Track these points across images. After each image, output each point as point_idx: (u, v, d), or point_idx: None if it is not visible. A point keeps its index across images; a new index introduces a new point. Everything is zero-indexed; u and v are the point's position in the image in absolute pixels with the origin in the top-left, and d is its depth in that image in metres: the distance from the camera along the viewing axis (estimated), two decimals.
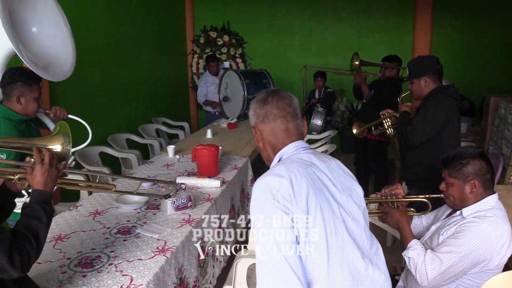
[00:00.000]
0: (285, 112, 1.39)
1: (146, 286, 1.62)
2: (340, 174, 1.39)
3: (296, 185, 1.24)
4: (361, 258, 1.30)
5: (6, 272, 1.14)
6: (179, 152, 3.54)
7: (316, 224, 1.23)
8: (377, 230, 3.50)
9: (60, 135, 1.51)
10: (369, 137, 4.34)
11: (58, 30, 2.54)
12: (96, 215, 2.30)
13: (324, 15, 6.76)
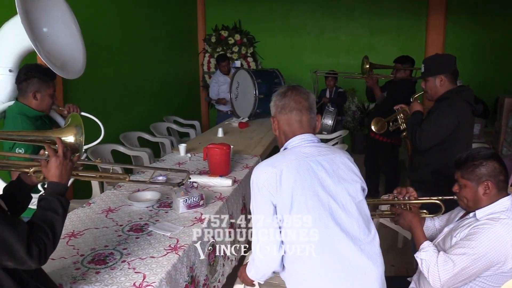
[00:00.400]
0: (301, 106, 1.56)
1: (158, 283, 1.63)
2: (339, 167, 1.51)
3: (284, 175, 1.43)
4: (348, 245, 1.43)
5: (25, 263, 1.16)
6: (191, 151, 3.56)
7: (299, 211, 1.41)
8: (388, 231, 3.50)
9: (72, 126, 1.51)
10: (380, 139, 4.32)
11: (68, 29, 2.57)
12: (108, 212, 2.32)
13: (336, 14, 6.73)
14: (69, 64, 2.51)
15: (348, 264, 1.44)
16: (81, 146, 1.52)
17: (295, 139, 1.56)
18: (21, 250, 1.14)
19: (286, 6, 6.84)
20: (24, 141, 1.51)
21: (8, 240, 1.12)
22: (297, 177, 1.43)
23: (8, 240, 1.12)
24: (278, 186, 1.43)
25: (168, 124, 5.51)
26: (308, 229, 1.42)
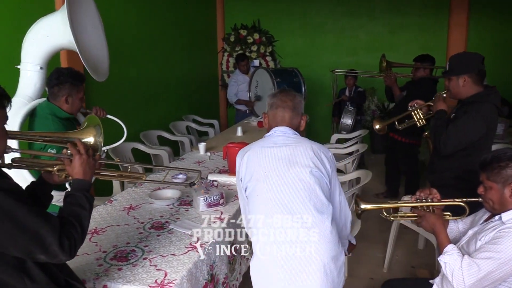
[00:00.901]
0: (285, 104, 1.86)
1: (180, 281, 1.65)
2: (298, 154, 1.76)
3: (247, 159, 1.79)
4: (285, 214, 1.67)
5: (57, 256, 1.19)
6: (210, 150, 3.58)
7: (251, 184, 1.75)
8: (408, 232, 3.47)
9: (91, 127, 1.56)
10: (399, 139, 4.26)
11: (96, 32, 2.61)
12: (130, 210, 2.35)
13: (356, 13, 6.67)
14: (98, 67, 2.54)
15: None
16: (101, 146, 1.56)
17: (272, 131, 1.86)
18: (54, 243, 1.16)
19: (305, 5, 6.81)
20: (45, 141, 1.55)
21: (42, 234, 1.15)
22: (256, 158, 1.78)
23: (42, 234, 1.15)
24: (243, 164, 1.81)
25: (187, 123, 5.55)
26: (258, 204, 1.74)
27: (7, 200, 1.12)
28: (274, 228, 1.68)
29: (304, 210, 1.68)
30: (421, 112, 2.86)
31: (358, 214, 1.90)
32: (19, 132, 1.54)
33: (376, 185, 4.83)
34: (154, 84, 5.07)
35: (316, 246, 1.65)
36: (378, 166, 5.24)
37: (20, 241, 1.13)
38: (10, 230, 1.11)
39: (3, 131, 1.26)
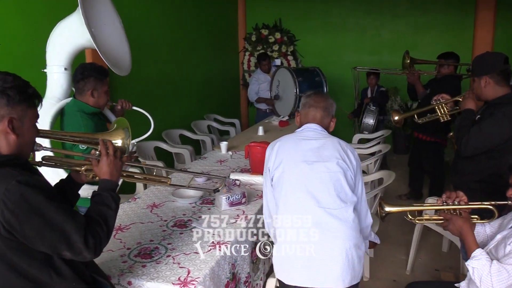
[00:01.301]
0: (318, 104, 1.96)
1: (202, 279, 1.66)
2: (327, 147, 1.86)
3: (278, 148, 1.90)
4: (313, 206, 1.75)
5: (81, 254, 1.21)
6: (232, 149, 3.59)
7: (279, 171, 1.85)
8: (432, 234, 3.41)
9: (120, 129, 1.59)
10: (424, 138, 4.19)
11: (114, 29, 2.66)
12: (153, 207, 2.38)
13: (379, 12, 6.58)
14: (120, 61, 2.59)
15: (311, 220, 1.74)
16: (128, 148, 1.58)
17: (303, 126, 1.97)
18: (79, 241, 1.18)
19: (327, 3, 6.76)
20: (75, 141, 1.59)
21: (67, 231, 1.17)
22: (286, 149, 1.89)
23: (67, 230, 1.17)
24: (272, 154, 1.91)
25: (208, 122, 5.58)
26: (285, 190, 1.83)
27: (37, 196, 1.14)
28: (298, 214, 1.76)
29: (329, 198, 1.76)
30: (446, 107, 2.78)
31: (382, 217, 1.87)
32: (50, 131, 1.58)
33: (398, 186, 4.76)
34: (176, 83, 5.11)
35: (339, 233, 1.73)
36: (401, 166, 5.17)
37: (47, 237, 1.16)
38: (38, 226, 1.14)
39: (35, 129, 1.29)
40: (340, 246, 1.72)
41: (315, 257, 1.72)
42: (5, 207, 1.10)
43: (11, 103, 1.19)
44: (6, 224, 1.11)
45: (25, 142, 1.25)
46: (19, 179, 1.13)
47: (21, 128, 1.22)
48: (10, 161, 1.19)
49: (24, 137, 1.24)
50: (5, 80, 1.18)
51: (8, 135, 1.20)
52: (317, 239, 1.72)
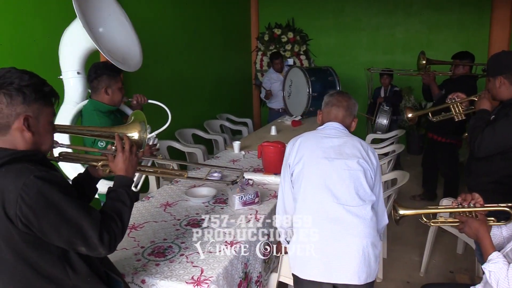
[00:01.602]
0: (340, 104, 1.97)
1: (216, 278, 1.66)
2: (348, 146, 1.87)
3: (299, 144, 1.92)
4: (332, 202, 1.76)
5: (96, 249, 1.22)
6: (244, 148, 3.59)
7: (299, 167, 1.86)
8: (447, 235, 3.37)
9: (136, 123, 1.58)
10: (438, 139, 4.14)
11: (121, 26, 2.70)
12: (166, 206, 2.39)
13: (392, 10, 6.53)
14: (128, 58, 2.62)
15: (327, 216, 1.76)
16: (145, 142, 1.58)
17: (325, 124, 1.98)
18: (94, 237, 1.20)
19: (340, 2, 6.72)
20: (92, 135, 1.60)
21: (83, 227, 1.19)
22: (307, 146, 1.89)
23: (83, 226, 1.19)
24: (293, 151, 1.92)
25: (221, 121, 5.59)
26: (304, 186, 1.84)
27: (53, 192, 1.16)
28: (317, 209, 1.78)
29: (348, 195, 1.77)
30: (461, 106, 2.74)
31: (397, 220, 1.85)
32: (67, 126, 1.60)
33: (412, 187, 4.72)
34: (189, 83, 5.13)
35: (356, 230, 1.74)
36: (414, 167, 5.13)
37: (63, 232, 1.17)
38: (54, 221, 1.15)
39: (52, 125, 1.31)
40: (357, 243, 1.73)
41: (332, 253, 1.74)
42: (23, 202, 1.12)
43: (27, 101, 1.20)
44: (24, 218, 1.13)
45: (41, 139, 1.27)
46: (37, 174, 1.15)
47: (36, 126, 1.24)
48: (27, 157, 1.21)
49: (40, 134, 1.26)
50: (22, 78, 1.20)
51: (23, 133, 1.22)
52: (334, 235, 1.74)
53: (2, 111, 1.18)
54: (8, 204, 1.13)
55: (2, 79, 1.18)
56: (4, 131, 1.20)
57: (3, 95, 1.18)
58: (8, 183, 1.13)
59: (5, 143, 1.21)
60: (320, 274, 1.75)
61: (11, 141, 1.21)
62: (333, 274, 1.74)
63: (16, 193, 1.12)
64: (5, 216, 1.13)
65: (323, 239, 1.75)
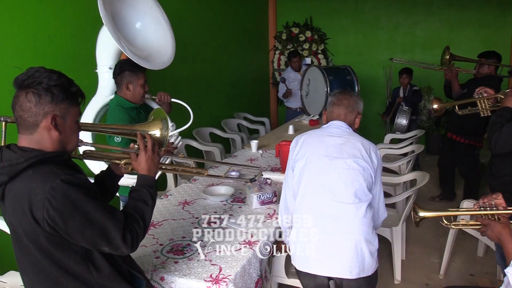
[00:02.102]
0: (341, 103, 2.04)
1: (234, 277, 1.67)
2: (349, 145, 1.92)
3: (301, 142, 2.01)
4: (329, 199, 1.84)
5: (119, 249, 1.24)
6: (262, 147, 3.59)
7: (301, 163, 1.94)
8: (467, 238, 3.31)
9: (158, 120, 1.58)
10: (458, 139, 4.07)
11: (156, 23, 2.77)
12: (185, 205, 2.41)
13: (412, 9, 6.44)
14: (155, 56, 2.68)
15: (323, 212, 1.84)
16: (166, 140, 1.59)
17: (329, 123, 2.04)
18: (117, 237, 1.22)
19: (358, 1, 6.66)
20: (114, 133, 1.62)
21: (107, 227, 1.21)
22: (310, 144, 1.97)
23: (107, 227, 1.21)
24: (296, 148, 2.01)
25: (238, 120, 5.60)
26: (305, 184, 1.92)
27: (79, 195, 1.18)
28: (314, 205, 1.87)
29: (345, 193, 1.83)
30: (487, 102, 2.69)
31: (416, 222, 1.82)
32: (90, 124, 1.63)
33: (431, 188, 4.65)
34: (207, 82, 5.16)
35: (351, 227, 1.81)
36: (434, 167, 5.04)
37: (88, 233, 1.19)
38: (80, 223, 1.18)
39: (77, 126, 1.33)
40: (350, 239, 1.80)
41: (327, 247, 1.82)
42: (50, 205, 1.14)
43: (55, 101, 1.22)
44: (51, 221, 1.15)
45: (67, 139, 1.29)
46: (63, 178, 1.17)
47: (63, 125, 1.26)
48: (53, 158, 1.23)
49: (66, 134, 1.28)
50: (50, 78, 1.22)
51: (51, 132, 1.24)
52: (329, 231, 1.83)
53: (31, 110, 1.21)
54: (36, 207, 1.15)
55: (31, 79, 1.20)
56: (32, 130, 1.23)
57: (32, 94, 1.20)
58: (35, 186, 1.16)
59: (32, 141, 1.23)
60: (315, 267, 1.85)
61: (38, 139, 1.24)
62: (326, 268, 1.83)
63: (43, 196, 1.14)
64: (32, 218, 1.16)
65: (319, 234, 1.84)
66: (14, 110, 1.23)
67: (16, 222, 1.20)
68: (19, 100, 1.21)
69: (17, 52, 2.65)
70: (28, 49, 2.71)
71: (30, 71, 1.22)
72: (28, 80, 1.20)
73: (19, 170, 1.18)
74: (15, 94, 1.23)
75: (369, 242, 1.83)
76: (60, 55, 2.94)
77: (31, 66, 1.24)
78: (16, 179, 1.19)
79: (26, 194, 1.16)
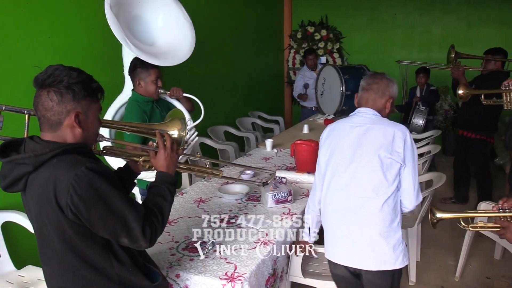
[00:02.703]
0: (369, 87, 1.95)
1: (249, 275, 1.68)
2: (371, 135, 1.85)
3: (326, 135, 2.02)
4: (349, 192, 1.83)
5: (138, 242, 1.25)
6: (276, 146, 3.59)
7: (326, 156, 1.95)
8: (484, 240, 3.27)
9: (176, 120, 1.61)
10: (470, 135, 4.01)
11: (176, 22, 2.89)
12: (200, 202, 2.43)
13: (429, 7, 6.36)
14: (168, 53, 2.75)
15: (341, 205, 1.86)
16: (183, 140, 1.61)
17: (356, 110, 1.98)
18: (137, 228, 1.23)
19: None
20: (133, 131, 1.64)
21: (128, 219, 1.22)
22: (334, 134, 1.97)
23: (128, 218, 1.22)
24: (323, 137, 2.03)
25: (253, 119, 5.61)
26: (329, 175, 1.93)
27: (103, 184, 1.20)
28: (335, 198, 1.88)
29: (363, 188, 1.81)
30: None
31: (433, 223, 1.81)
32: (110, 121, 1.65)
33: (446, 189, 4.59)
34: (222, 80, 5.18)
35: (366, 220, 1.80)
36: (450, 168, 4.97)
37: (110, 223, 1.21)
38: (102, 212, 1.19)
39: (98, 121, 1.35)
40: (365, 232, 1.80)
41: (346, 239, 1.85)
42: (74, 192, 1.16)
43: (76, 98, 1.24)
44: (74, 208, 1.17)
45: (89, 134, 1.31)
46: (88, 165, 1.19)
47: (86, 122, 1.28)
48: (77, 149, 1.25)
49: (89, 130, 1.30)
50: (70, 75, 1.23)
51: (74, 129, 1.26)
52: (347, 223, 1.84)
53: (53, 109, 1.22)
54: (60, 194, 1.17)
55: (52, 78, 1.21)
56: (55, 128, 1.25)
57: (54, 93, 1.22)
58: (60, 173, 1.18)
59: (55, 139, 1.25)
60: (335, 256, 1.90)
61: (61, 137, 1.26)
62: (346, 258, 1.86)
63: (68, 183, 1.16)
64: (56, 205, 1.18)
65: (339, 226, 1.87)
66: (37, 109, 1.25)
67: (41, 211, 1.22)
68: (41, 100, 1.23)
69: (17, 52, 2.62)
70: (28, 49, 2.68)
71: (50, 70, 1.23)
72: (49, 79, 1.22)
73: (45, 160, 1.20)
74: (36, 94, 1.24)
75: (386, 236, 1.79)
76: (60, 55, 2.92)
77: (31, 64, 1.25)
78: (40, 169, 1.21)
79: (51, 182, 1.17)
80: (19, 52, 2.59)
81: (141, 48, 2.55)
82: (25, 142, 1.26)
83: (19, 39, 2.59)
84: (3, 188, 1.26)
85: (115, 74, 2.89)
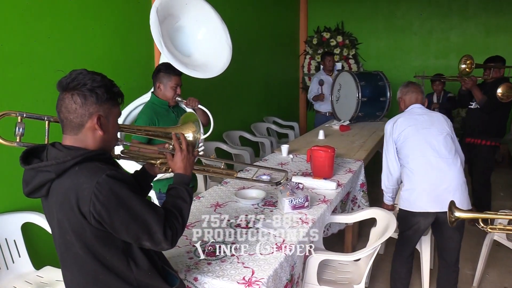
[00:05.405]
0: (417, 89, 2.71)
1: (266, 280, 1.68)
2: (434, 119, 2.59)
3: (398, 123, 2.62)
4: (435, 156, 2.48)
5: (160, 244, 1.28)
6: (292, 152, 3.59)
7: (402, 138, 2.58)
8: (502, 249, 3.22)
9: (190, 123, 1.64)
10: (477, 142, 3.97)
11: (215, 34, 3.09)
12: (217, 207, 2.44)
13: (447, 13, 6.33)
14: (207, 67, 2.91)
15: (432, 166, 2.48)
16: (198, 142, 1.63)
17: (410, 107, 2.69)
18: (159, 232, 1.26)
19: (391, 5, 6.59)
20: (148, 135, 1.66)
21: (149, 223, 1.25)
22: (407, 123, 2.59)
23: (149, 222, 1.25)
24: (393, 128, 2.63)
25: (268, 124, 5.62)
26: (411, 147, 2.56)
27: (123, 190, 1.22)
28: (424, 163, 2.50)
29: (445, 150, 2.48)
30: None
31: (452, 222, 1.79)
32: (127, 126, 1.67)
33: None
34: (237, 85, 5.20)
35: (454, 174, 2.47)
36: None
37: (131, 228, 1.23)
38: (124, 218, 1.22)
39: (117, 125, 1.38)
40: (456, 182, 2.45)
41: (438, 190, 2.43)
42: (97, 199, 1.18)
43: (99, 101, 1.27)
44: (97, 215, 1.19)
45: (109, 138, 1.34)
46: (109, 173, 1.21)
47: (107, 125, 1.31)
48: (97, 156, 1.28)
49: (109, 133, 1.33)
50: (94, 79, 1.27)
51: (95, 132, 1.29)
52: (438, 178, 2.45)
53: (77, 111, 1.25)
54: (82, 201, 1.19)
55: (76, 81, 1.25)
56: (77, 130, 1.28)
57: (78, 95, 1.25)
58: (82, 181, 1.20)
59: (76, 141, 1.28)
60: (428, 205, 2.45)
61: (82, 139, 1.29)
62: (439, 205, 2.40)
63: (90, 191, 1.18)
64: (79, 212, 1.20)
65: (431, 181, 2.46)
66: (60, 112, 1.28)
67: (63, 217, 1.25)
68: (64, 102, 1.26)
69: (18, 51, 2.58)
70: (28, 48, 2.65)
71: (73, 74, 1.26)
72: (73, 82, 1.25)
73: (67, 167, 1.23)
74: (60, 97, 1.27)
75: (465, 186, 2.51)
76: (60, 55, 2.88)
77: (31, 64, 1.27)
78: (62, 176, 1.24)
79: (74, 190, 1.20)
80: (19, 52, 2.56)
81: (174, 54, 2.65)
82: (47, 149, 1.28)
83: (19, 39, 2.56)
84: (26, 194, 1.29)
85: (129, 79, 2.96)
